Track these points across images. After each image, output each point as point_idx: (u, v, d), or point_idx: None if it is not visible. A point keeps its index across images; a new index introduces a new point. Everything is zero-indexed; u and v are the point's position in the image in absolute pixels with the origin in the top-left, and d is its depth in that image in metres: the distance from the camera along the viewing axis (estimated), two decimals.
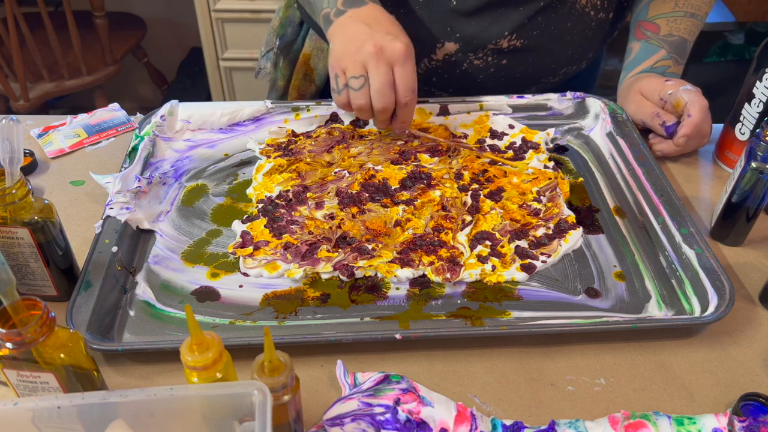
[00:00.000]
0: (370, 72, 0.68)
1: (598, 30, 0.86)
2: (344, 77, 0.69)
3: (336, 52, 0.70)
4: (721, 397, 0.55)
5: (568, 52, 0.87)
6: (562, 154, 0.81)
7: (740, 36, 2.14)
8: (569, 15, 0.83)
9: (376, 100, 0.68)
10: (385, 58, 0.67)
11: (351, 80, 0.68)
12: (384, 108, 0.69)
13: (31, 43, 1.64)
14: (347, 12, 0.73)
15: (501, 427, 0.51)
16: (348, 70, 0.68)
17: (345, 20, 0.72)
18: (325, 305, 0.61)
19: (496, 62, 0.85)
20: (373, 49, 0.67)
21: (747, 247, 0.69)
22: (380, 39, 0.68)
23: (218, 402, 0.42)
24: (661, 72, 0.85)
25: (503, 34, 0.82)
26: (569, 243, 0.67)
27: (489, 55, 0.85)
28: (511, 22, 0.82)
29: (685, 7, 0.86)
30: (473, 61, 0.85)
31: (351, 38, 0.69)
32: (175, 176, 0.75)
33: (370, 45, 0.67)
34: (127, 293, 0.62)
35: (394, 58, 0.68)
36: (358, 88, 0.68)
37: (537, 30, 0.83)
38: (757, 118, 0.76)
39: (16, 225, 0.54)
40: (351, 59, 0.68)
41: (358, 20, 0.71)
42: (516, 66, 0.86)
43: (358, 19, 0.71)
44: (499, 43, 0.83)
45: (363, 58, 0.68)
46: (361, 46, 0.68)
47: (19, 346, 0.44)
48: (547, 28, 0.83)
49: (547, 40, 0.84)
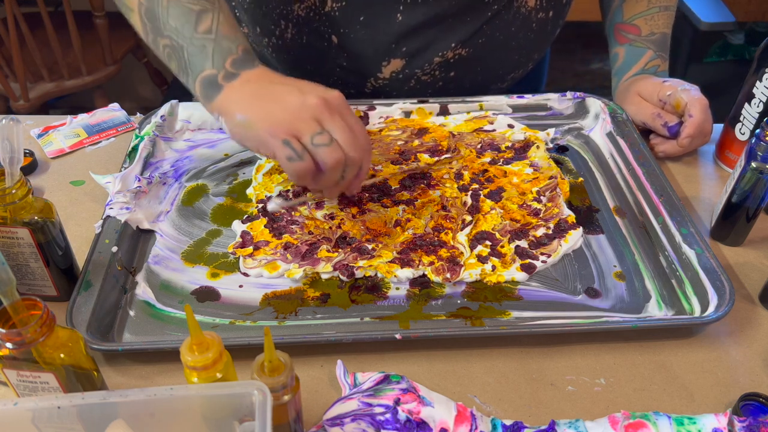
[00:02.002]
0: (329, 125, 0.58)
1: (540, 30, 0.85)
2: (297, 141, 0.58)
3: (266, 119, 0.58)
4: (721, 397, 0.55)
5: (515, 56, 0.86)
6: (562, 154, 0.81)
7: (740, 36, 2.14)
8: (513, 20, 0.81)
9: (351, 149, 0.58)
10: (334, 107, 0.59)
11: (315, 138, 0.57)
12: (360, 156, 0.60)
13: (31, 43, 1.64)
14: (241, 75, 0.61)
15: (501, 427, 0.51)
16: (302, 131, 0.57)
17: (243, 84, 0.61)
18: (325, 305, 0.61)
19: (444, 75, 0.84)
20: (318, 101, 0.58)
21: (747, 247, 0.69)
22: (316, 91, 0.59)
23: (218, 402, 0.42)
24: (652, 73, 0.85)
25: (450, 45, 0.81)
26: (569, 243, 0.67)
27: (436, 69, 0.83)
28: (459, 34, 0.80)
29: (658, 2, 0.86)
30: (421, 77, 0.84)
31: (277, 100, 0.59)
32: (175, 176, 0.75)
33: (313, 98, 0.58)
34: (127, 293, 0.62)
35: (339, 106, 0.60)
36: (329, 142, 0.58)
37: (483, 38, 0.81)
38: (757, 118, 0.76)
39: (16, 225, 0.54)
40: (298, 119, 0.58)
41: (263, 82, 0.61)
42: (464, 76, 0.85)
43: (261, 80, 0.61)
44: (445, 54, 0.81)
45: (312, 113, 0.58)
46: (300, 102, 0.58)
47: (19, 346, 0.44)
48: (493, 35, 0.82)
49: (493, 47, 0.83)
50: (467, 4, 0.78)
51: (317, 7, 0.78)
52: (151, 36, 0.65)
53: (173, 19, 0.63)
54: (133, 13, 0.66)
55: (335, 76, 0.86)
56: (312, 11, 0.79)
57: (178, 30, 0.63)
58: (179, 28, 0.63)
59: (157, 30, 0.64)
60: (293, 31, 0.83)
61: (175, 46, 0.63)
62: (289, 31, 0.83)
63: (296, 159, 0.58)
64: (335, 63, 0.84)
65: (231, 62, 0.62)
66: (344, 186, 0.62)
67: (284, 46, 0.85)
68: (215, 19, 0.63)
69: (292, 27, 0.82)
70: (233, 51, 0.62)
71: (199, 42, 0.62)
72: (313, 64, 0.86)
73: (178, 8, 0.63)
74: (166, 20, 0.63)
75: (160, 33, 0.64)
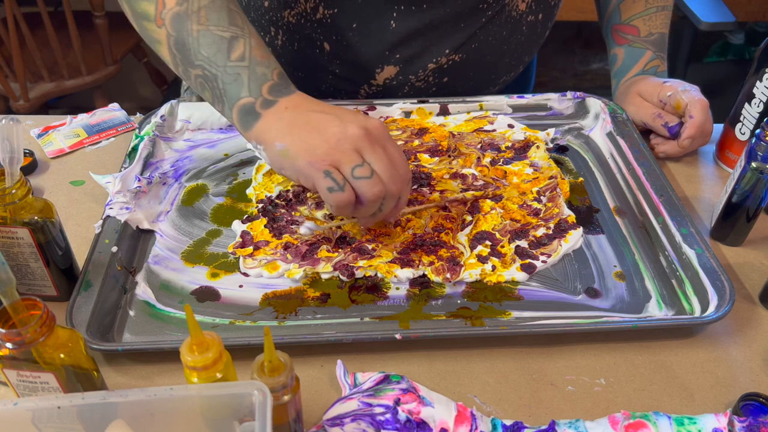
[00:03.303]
0: (370, 157, 0.57)
1: (530, 33, 0.85)
2: (338, 172, 0.57)
3: (306, 150, 0.57)
4: (721, 397, 0.55)
5: (506, 60, 0.86)
6: (562, 154, 0.81)
7: (740, 36, 2.14)
8: (505, 24, 0.81)
9: (391, 183, 0.57)
10: (375, 138, 0.58)
11: (356, 170, 0.56)
12: (399, 189, 0.59)
13: (31, 43, 1.64)
14: (279, 102, 0.60)
15: (501, 427, 0.51)
16: (343, 162, 0.56)
17: (281, 112, 0.60)
18: (325, 305, 0.61)
19: (438, 81, 0.84)
20: (360, 132, 0.57)
21: (747, 247, 0.69)
22: (357, 121, 0.58)
23: (218, 402, 0.42)
24: (652, 73, 0.85)
25: (444, 52, 0.80)
26: (569, 243, 0.67)
27: (430, 75, 0.82)
28: (453, 40, 0.80)
29: (656, 1, 0.86)
30: (414, 83, 0.83)
31: (317, 129, 0.58)
32: (175, 176, 0.75)
33: (354, 128, 0.57)
34: (127, 293, 0.62)
35: (380, 136, 0.58)
36: (370, 175, 0.56)
37: (476, 43, 0.81)
38: (757, 118, 0.76)
39: (16, 225, 0.54)
40: (338, 149, 0.56)
41: (301, 109, 0.60)
42: (457, 81, 0.85)
43: (300, 108, 0.60)
44: (439, 60, 0.81)
45: (353, 144, 0.57)
46: (341, 133, 0.57)
47: (19, 346, 0.44)
48: (486, 40, 0.81)
49: (486, 52, 0.83)
50: (461, 11, 0.78)
51: (308, 14, 0.78)
52: (181, 67, 0.63)
53: (204, 48, 0.61)
54: (162, 45, 0.64)
55: (327, 83, 0.86)
56: (303, 18, 0.79)
57: (210, 59, 0.61)
58: (211, 57, 0.61)
59: (187, 61, 0.62)
60: (284, 38, 0.82)
61: (208, 75, 0.61)
62: (279, 38, 0.82)
63: (337, 190, 0.57)
64: (328, 70, 0.84)
65: (268, 89, 0.61)
66: (381, 217, 0.61)
67: (274, 53, 0.84)
68: (247, 45, 0.62)
69: (282, 34, 0.82)
70: (269, 77, 0.61)
71: (233, 70, 0.61)
72: (305, 71, 0.85)
73: (208, 37, 0.61)
74: (197, 50, 0.61)
75: (191, 63, 0.62)
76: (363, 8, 0.76)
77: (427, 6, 0.76)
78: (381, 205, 0.59)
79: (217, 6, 0.62)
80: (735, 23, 1.58)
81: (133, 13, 0.65)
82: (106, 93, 1.87)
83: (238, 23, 0.62)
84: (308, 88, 0.86)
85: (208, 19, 0.61)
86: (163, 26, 0.63)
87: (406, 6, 0.76)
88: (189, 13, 0.61)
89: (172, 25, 0.62)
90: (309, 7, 0.77)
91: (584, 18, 1.96)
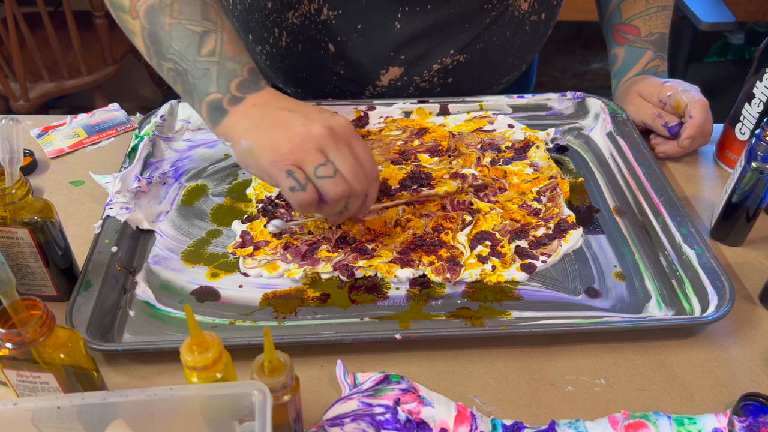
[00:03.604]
0: (334, 156, 0.57)
1: (533, 32, 0.85)
2: (301, 171, 0.56)
3: (270, 148, 0.57)
4: (721, 397, 0.55)
5: (510, 59, 0.86)
6: (562, 154, 0.81)
7: (740, 36, 2.14)
8: (509, 24, 0.81)
9: (355, 182, 0.57)
10: (340, 137, 0.57)
11: (319, 169, 0.56)
12: (364, 188, 0.58)
13: (31, 43, 1.64)
14: (247, 98, 0.60)
15: (501, 427, 0.51)
16: (306, 161, 0.56)
17: (249, 109, 0.59)
18: (324, 305, 0.61)
19: (442, 81, 0.84)
20: (324, 131, 0.56)
21: (747, 247, 0.69)
22: (322, 119, 0.57)
23: (218, 402, 0.42)
24: (652, 73, 0.85)
25: (448, 52, 0.80)
26: (569, 243, 0.67)
27: (435, 76, 0.82)
28: (457, 41, 0.80)
29: (656, 1, 0.86)
30: (419, 84, 0.83)
31: (282, 127, 0.57)
32: (174, 176, 0.75)
33: (318, 127, 0.56)
34: (127, 293, 0.62)
35: (347, 134, 0.58)
36: (333, 174, 0.56)
37: (480, 44, 0.81)
38: (757, 118, 0.76)
39: (16, 225, 0.54)
40: (301, 148, 0.56)
41: (269, 107, 0.59)
42: (461, 82, 0.85)
43: (268, 105, 0.59)
44: (443, 61, 0.81)
45: (317, 143, 0.56)
46: (305, 131, 0.56)
47: (18, 346, 0.44)
48: (490, 41, 0.81)
49: (489, 52, 0.83)
50: (465, 12, 0.78)
51: (313, 15, 0.78)
52: (155, 59, 0.64)
53: (176, 42, 0.61)
54: (136, 36, 0.64)
55: (332, 84, 0.85)
56: (307, 19, 0.79)
57: (181, 53, 0.61)
58: (182, 51, 0.61)
59: (160, 54, 0.62)
60: (288, 39, 0.82)
61: (179, 69, 0.61)
62: (283, 39, 0.82)
63: (299, 190, 0.56)
64: (332, 71, 0.84)
65: (236, 85, 0.60)
66: (348, 215, 0.61)
67: (278, 54, 0.85)
68: (219, 39, 0.61)
69: (286, 35, 0.82)
70: (238, 73, 0.60)
71: (202, 65, 0.60)
72: (309, 72, 0.85)
73: (180, 31, 0.61)
74: (168, 43, 0.61)
75: (163, 56, 0.62)
76: (367, 9, 0.76)
77: (432, 7, 0.76)
78: (347, 203, 0.59)
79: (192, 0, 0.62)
80: (735, 23, 1.58)
81: (111, 3, 0.65)
82: (106, 93, 1.87)
83: (212, 17, 0.62)
84: (313, 90, 0.87)
85: (180, 13, 0.61)
86: (137, 18, 0.63)
87: (411, 7, 0.76)
88: (162, 6, 0.61)
89: (146, 18, 0.62)
90: (313, 8, 0.77)
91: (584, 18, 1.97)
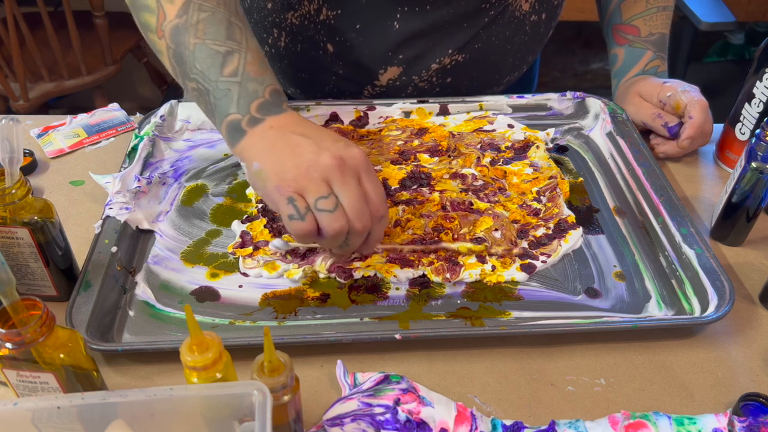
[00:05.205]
0: (338, 188, 0.55)
1: (533, 33, 0.85)
2: (303, 200, 0.55)
3: (276, 173, 0.55)
4: (721, 397, 0.55)
5: (510, 60, 0.86)
6: (562, 154, 0.81)
7: (740, 36, 2.14)
8: (509, 24, 0.81)
9: (356, 220, 0.55)
10: (350, 169, 0.55)
11: (320, 202, 0.54)
12: (365, 227, 0.56)
13: (31, 43, 1.64)
14: (265, 120, 0.58)
15: (501, 427, 0.51)
16: (308, 191, 0.54)
17: (266, 131, 0.58)
18: (324, 305, 0.61)
19: (441, 81, 0.84)
20: (332, 161, 0.54)
21: (747, 247, 0.69)
22: (334, 148, 0.55)
23: (218, 402, 0.42)
24: (652, 74, 0.85)
25: (447, 52, 0.80)
26: (569, 243, 0.67)
27: (434, 75, 0.82)
28: (456, 41, 0.80)
29: (656, 2, 0.86)
30: (418, 84, 0.83)
31: (292, 153, 0.56)
32: (174, 176, 0.75)
33: (327, 157, 0.55)
34: (127, 293, 0.62)
35: (357, 167, 0.56)
36: (333, 208, 0.54)
37: (479, 43, 0.81)
38: (757, 118, 0.76)
39: (16, 225, 0.54)
40: (306, 177, 0.54)
41: (287, 131, 0.58)
42: (461, 82, 0.85)
43: (286, 129, 0.58)
44: (442, 61, 0.81)
45: (323, 173, 0.54)
46: (314, 159, 0.55)
47: (18, 346, 0.44)
48: (489, 40, 0.81)
49: (489, 52, 0.83)
50: (464, 11, 0.77)
51: (312, 15, 0.78)
52: (180, 79, 0.63)
53: (199, 62, 0.60)
54: (163, 56, 0.64)
55: (331, 84, 0.85)
56: (306, 19, 0.79)
57: (204, 73, 0.60)
58: (205, 71, 0.60)
59: (184, 74, 0.62)
60: (287, 40, 0.82)
61: (201, 89, 0.61)
62: (282, 39, 0.82)
63: (297, 219, 0.55)
64: (331, 71, 0.84)
65: (257, 107, 0.59)
66: (350, 251, 0.59)
67: (277, 54, 0.84)
68: (242, 60, 0.60)
69: (286, 35, 0.82)
70: (259, 94, 0.60)
71: (224, 85, 0.59)
72: (309, 72, 0.85)
73: (204, 51, 0.60)
74: (192, 63, 0.61)
75: (187, 76, 0.62)
76: (366, 9, 0.76)
77: (431, 7, 0.76)
78: (347, 239, 0.57)
79: (217, 19, 0.61)
80: (735, 23, 1.58)
81: (139, 23, 0.65)
82: (106, 93, 1.87)
83: (236, 38, 0.61)
84: (311, 90, 0.87)
85: (205, 33, 0.61)
86: (163, 38, 0.62)
87: (410, 7, 0.76)
88: (187, 26, 0.61)
89: (171, 38, 0.62)
90: (312, 8, 0.77)
91: (584, 18, 1.96)
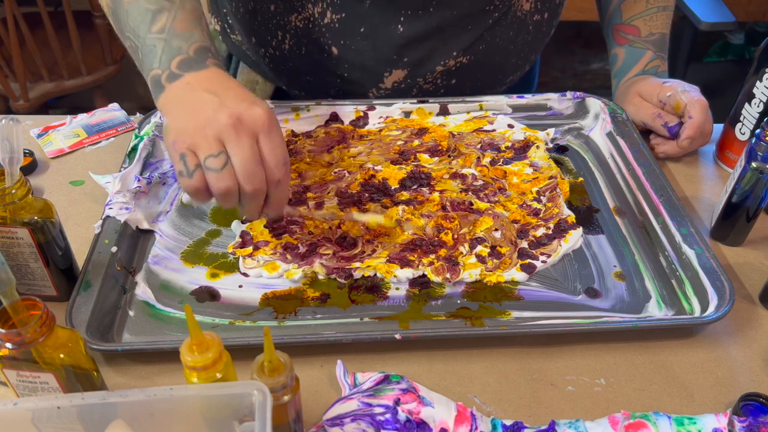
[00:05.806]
0: (231, 148, 0.54)
1: (536, 32, 0.85)
2: (194, 157, 0.55)
3: (176, 128, 0.56)
4: (721, 397, 0.55)
5: (513, 59, 0.86)
6: (562, 154, 0.81)
7: (740, 36, 2.14)
8: (511, 24, 0.81)
9: (245, 181, 0.55)
10: (246, 128, 0.55)
11: (208, 160, 0.54)
12: (256, 189, 0.56)
13: (31, 43, 1.64)
14: (184, 77, 0.59)
15: (501, 427, 0.51)
16: (200, 148, 0.55)
17: (181, 87, 0.59)
18: (324, 305, 0.61)
19: (445, 83, 0.84)
20: (229, 120, 0.54)
21: (747, 247, 0.69)
22: (235, 107, 0.55)
23: (218, 402, 0.42)
24: (652, 74, 0.85)
25: (451, 54, 0.80)
26: (569, 243, 0.67)
27: (438, 77, 0.82)
28: (460, 43, 0.80)
29: (656, 2, 0.86)
30: (422, 86, 0.83)
31: (194, 109, 0.56)
32: (174, 176, 0.75)
33: (224, 115, 0.54)
34: (127, 293, 0.62)
35: (256, 127, 0.55)
36: (221, 167, 0.54)
37: (483, 45, 0.81)
38: (757, 118, 0.76)
39: (16, 225, 0.54)
40: (201, 134, 0.55)
41: (199, 88, 0.58)
42: (465, 83, 0.85)
43: (199, 86, 0.58)
44: (447, 63, 0.81)
45: (217, 131, 0.54)
46: (212, 117, 0.55)
47: (18, 346, 0.44)
48: (492, 41, 0.81)
49: (493, 53, 0.83)
50: (468, 13, 0.77)
51: (316, 18, 0.78)
52: (120, 36, 0.66)
53: (131, 19, 0.63)
54: (108, 16, 0.67)
55: (336, 87, 0.85)
56: (311, 22, 0.79)
57: (135, 30, 0.62)
58: (135, 29, 0.62)
59: (120, 31, 0.65)
60: (291, 43, 0.82)
61: (133, 47, 0.63)
62: (286, 42, 0.82)
63: (185, 176, 0.55)
64: (336, 74, 0.84)
65: (177, 63, 0.60)
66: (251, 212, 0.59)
67: (282, 57, 0.84)
68: (170, 17, 0.62)
69: (290, 38, 0.82)
70: (183, 51, 0.60)
71: (150, 41, 0.61)
72: (313, 75, 0.85)
73: (136, 9, 0.63)
74: (126, 21, 0.63)
75: (123, 34, 0.64)
76: (370, 12, 0.76)
77: (434, 9, 0.76)
78: (240, 201, 0.57)
79: None
80: (735, 23, 1.58)
81: None
82: (106, 93, 1.87)
83: None
84: (316, 92, 0.87)
85: None
86: None
87: (413, 10, 0.76)
88: None
89: None
90: (316, 11, 0.77)
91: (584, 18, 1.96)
